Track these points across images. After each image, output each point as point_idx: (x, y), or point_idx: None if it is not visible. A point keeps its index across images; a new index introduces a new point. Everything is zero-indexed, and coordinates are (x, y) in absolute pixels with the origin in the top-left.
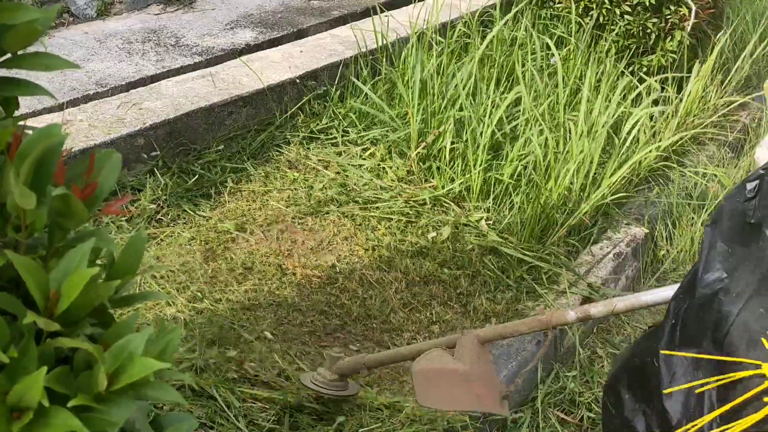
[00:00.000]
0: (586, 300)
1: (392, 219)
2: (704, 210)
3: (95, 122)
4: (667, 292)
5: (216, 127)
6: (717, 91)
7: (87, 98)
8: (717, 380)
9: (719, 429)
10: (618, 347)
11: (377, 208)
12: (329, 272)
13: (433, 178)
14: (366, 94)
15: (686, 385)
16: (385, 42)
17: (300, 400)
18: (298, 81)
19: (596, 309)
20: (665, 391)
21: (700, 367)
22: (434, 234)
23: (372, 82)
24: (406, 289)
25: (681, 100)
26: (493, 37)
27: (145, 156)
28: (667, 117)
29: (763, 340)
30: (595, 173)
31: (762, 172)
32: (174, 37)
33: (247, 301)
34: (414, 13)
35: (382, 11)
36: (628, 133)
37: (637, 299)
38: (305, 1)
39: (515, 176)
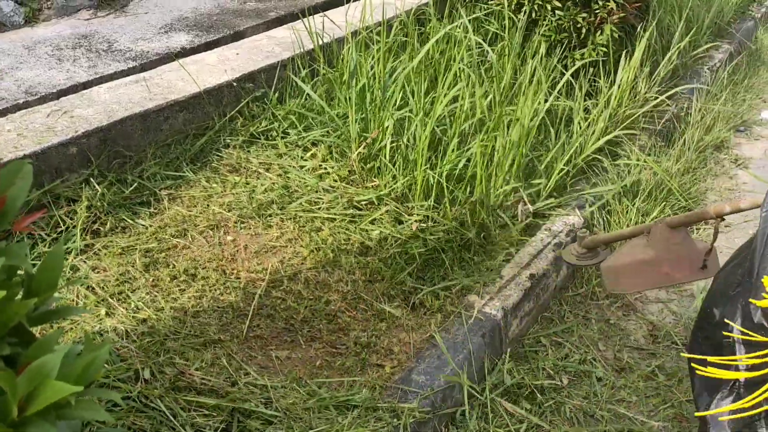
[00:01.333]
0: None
1: (335, 219)
2: (638, 197)
3: (25, 132)
4: None
5: (152, 133)
6: (646, 82)
7: (16, 107)
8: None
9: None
10: (561, 336)
11: (320, 209)
12: (274, 275)
13: (375, 178)
14: (305, 95)
15: None
16: (322, 42)
17: (249, 405)
18: (235, 84)
19: (744, 203)
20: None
21: None
22: (378, 233)
23: (311, 83)
24: (351, 289)
25: (612, 92)
26: (431, 35)
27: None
28: (600, 109)
29: None
30: (532, 166)
31: None
32: (106, 42)
33: (191, 308)
34: (350, 12)
35: (319, 12)
36: (564, 125)
37: None
38: (241, 2)
39: (455, 173)
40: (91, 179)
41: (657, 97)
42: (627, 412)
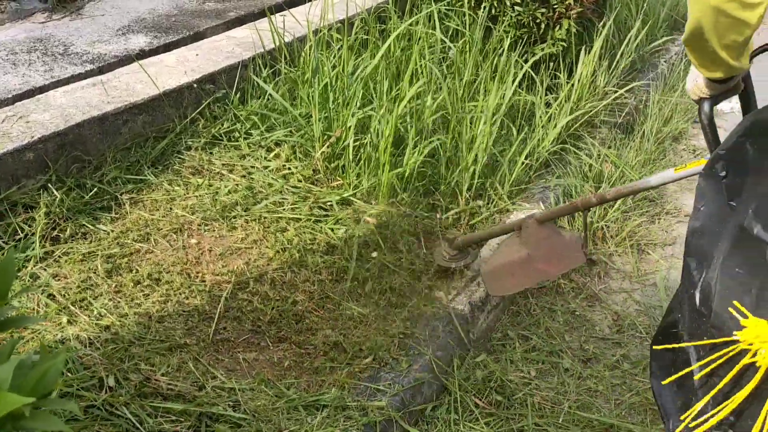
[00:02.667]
0: None
1: (301, 220)
2: (601, 189)
3: None
4: (662, 175)
5: (111, 136)
6: (605, 75)
7: None
8: (702, 364)
9: (716, 409)
10: (528, 329)
11: (285, 209)
12: (239, 277)
13: (340, 177)
14: (267, 95)
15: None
16: (283, 41)
17: (216, 409)
18: (195, 85)
19: (609, 194)
20: (664, 382)
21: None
22: (343, 232)
23: (273, 83)
24: (318, 289)
25: (572, 86)
26: (391, 32)
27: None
28: (561, 103)
29: (735, 304)
30: (496, 160)
31: (722, 152)
32: (62, 45)
33: (155, 313)
34: (311, 11)
35: (280, 11)
36: (526, 120)
37: (637, 185)
38: (200, 3)
39: (419, 170)
40: (49, 185)
41: (616, 91)
42: (594, 401)
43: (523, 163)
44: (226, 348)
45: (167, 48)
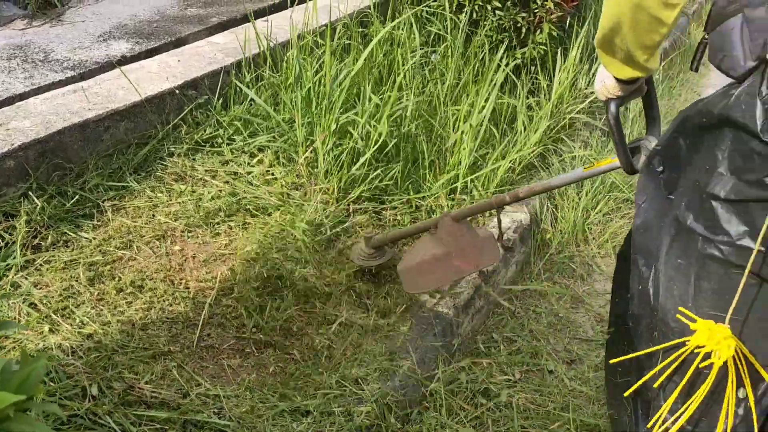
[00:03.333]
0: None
1: (285, 225)
2: (584, 192)
3: None
4: (572, 174)
5: (93, 143)
6: (586, 78)
7: None
8: (657, 370)
9: (679, 413)
10: (512, 331)
11: (269, 215)
12: (223, 283)
13: (323, 182)
14: (250, 100)
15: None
16: (265, 47)
17: (201, 416)
18: (177, 91)
19: (522, 192)
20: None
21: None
22: (328, 237)
23: (255, 88)
24: (303, 293)
25: (553, 89)
26: (374, 36)
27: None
28: (543, 106)
29: (682, 310)
30: (479, 164)
31: (659, 147)
32: (42, 52)
33: (139, 320)
34: (294, 16)
35: (262, 16)
36: (509, 123)
37: (549, 183)
38: (182, 9)
39: (405, 174)
40: (30, 193)
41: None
42: (578, 402)
43: (507, 167)
44: (211, 355)
45: (149, 54)
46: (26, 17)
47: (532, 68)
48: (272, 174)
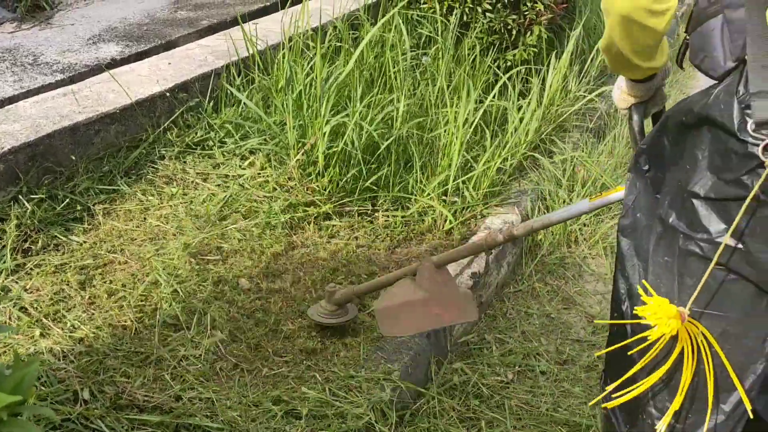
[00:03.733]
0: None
1: (276, 228)
2: (574, 193)
3: None
4: (575, 208)
5: (83, 147)
6: (576, 81)
7: None
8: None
9: (639, 383)
10: (504, 333)
11: (260, 217)
12: (215, 286)
13: (315, 184)
14: (241, 103)
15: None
16: (257, 50)
17: (194, 420)
18: (168, 94)
19: (518, 230)
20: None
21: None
22: (320, 239)
23: (247, 92)
24: (295, 295)
25: (544, 91)
26: (364, 39)
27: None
28: (534, 108)
29: (644, 283)
30: (470, 166)
31: (644, 146)
32: (32, 55)
33: (130, 324)
34: (284, 19)
35: (253, 18)
36: (500, 125)
37: (549, 218)
38: (172, 12)
39: (397, 176)
40: (20, 197)
41: (587, 96)
42: (570, 402)
43: (496, 167)
44: (203, 358)
45: (139, 57)
46: (15, 20)
47: (523, 70)
48: (264, 176)
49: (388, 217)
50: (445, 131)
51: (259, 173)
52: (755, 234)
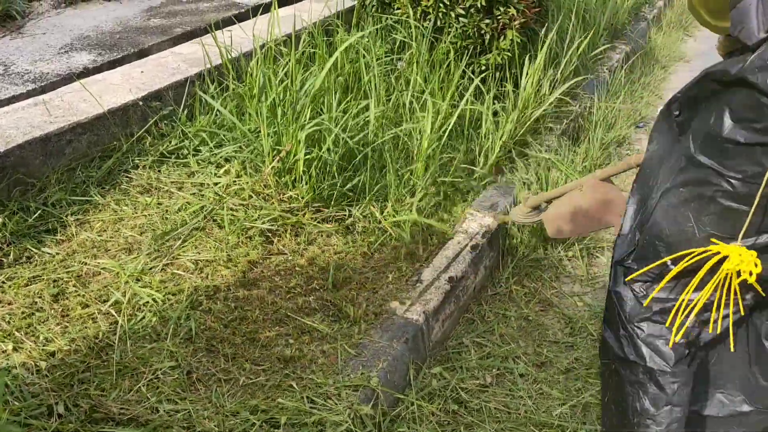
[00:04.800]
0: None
1: (253, 236)
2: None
3: None
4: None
5: (55, 157)
6: (550, 83)
7: None
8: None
9: (693, 303)
10: (482, 336)
11: (237, 225)
12: (192, 296)
13: (291, 191)
14: (216, 111)
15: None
16: (230, 57)
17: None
18: (141, 103)
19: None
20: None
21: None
22: (297, 247)
23: (221, 99)
24: (272, 304)
25: (518, 94)
26: (339, 45)
27: None
28: (509, 111)
29: (713, 240)
30: (446, 169)
31: (679, 95)
32: (2, 65)
33: (105, 336)
34: (257, 26)
35: (225, 26)
36: (475, 129)
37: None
38: (145, 19)
39: (373, 181)
40: None
41: (561, 98)
42: (549, 404)
43: (472, 170)
44: (180, 368)
45: (112, 65)
46: None
47: (498, 74)
48: (239, 184)
49: (365, 223)
50: (420, 135)
51: (235, 181)
52: None
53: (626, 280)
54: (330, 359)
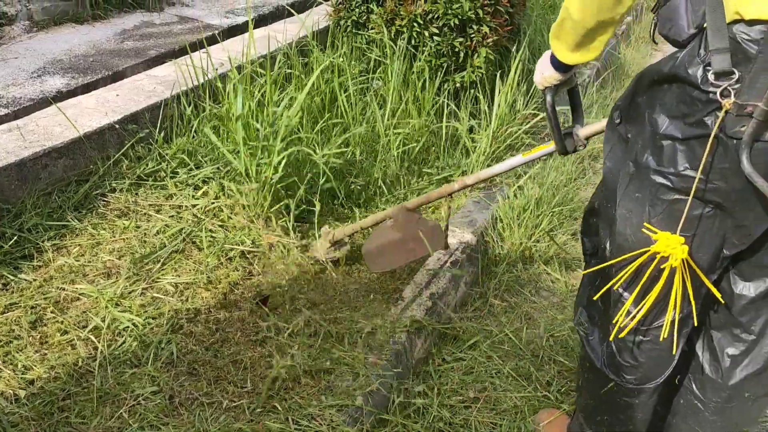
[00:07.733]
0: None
1: (234, 258)
2: (528, 211)
3: None
4: (512, 161)
5: (30, 182)
6: (524, 100)
7: None
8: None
9: (636, 309)
10: (464, 351)
11: (216, 247)
12: (173, 319)
13: (269, 212)
14: (192, 133)
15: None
16: (206, 78)
17: None
18: (117, 126)
19: (469, 180)
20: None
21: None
22: (280, 267)
23: (197, 120)
24: (253, 326)
25: (493, 111)
26: (314, 65)
27: None
28: (484, 128)
29: (646, 225)
30: (422, 185)
31: (619, 102)
32: None
33: (84, 363)
34: (233, 47)
35: (201, 47)
36: (451, 145)
37: (491, 170)
38: (118, 42)
39: (352, 198)
40: None
41: (535, 114)
42: (532, 417)
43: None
44: (162, 393)
45: (86, 89)
46: None
47: (472, 91)
48: (218, 206)
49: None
50: (395, 153)
51: (213, 202)
52: (714, 168)
53: (594, 298)
54: (314, 380)
